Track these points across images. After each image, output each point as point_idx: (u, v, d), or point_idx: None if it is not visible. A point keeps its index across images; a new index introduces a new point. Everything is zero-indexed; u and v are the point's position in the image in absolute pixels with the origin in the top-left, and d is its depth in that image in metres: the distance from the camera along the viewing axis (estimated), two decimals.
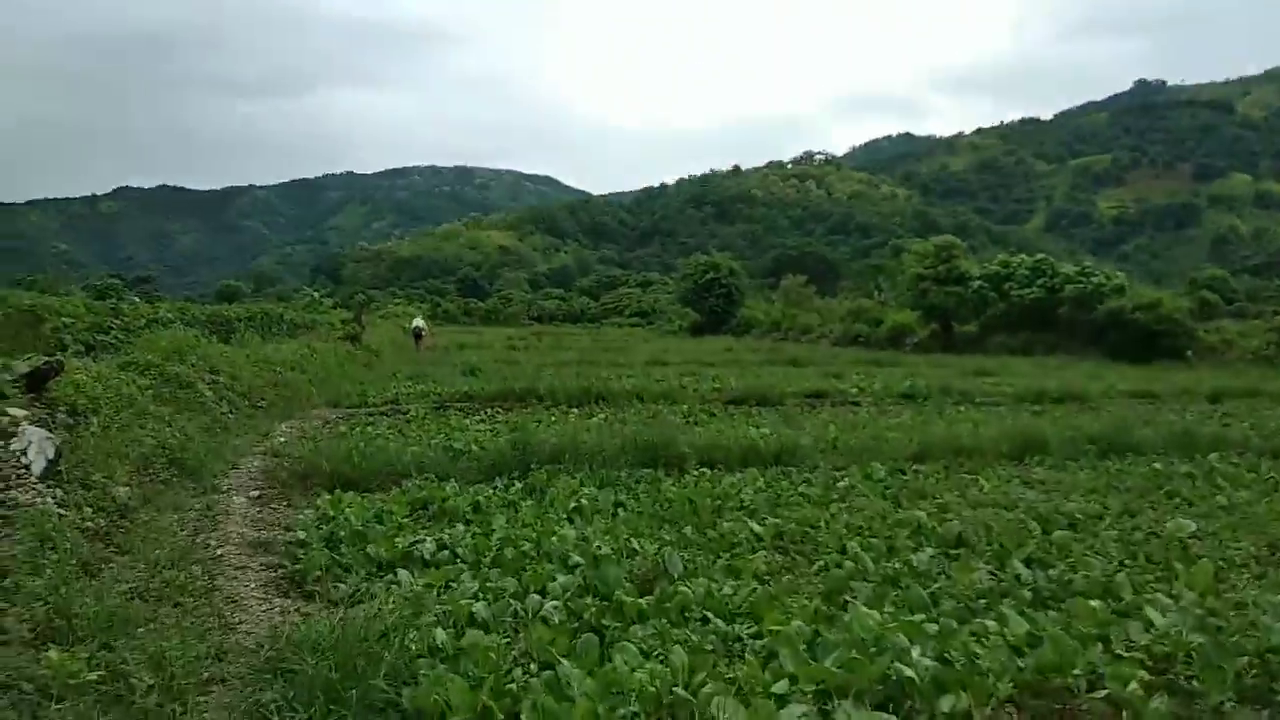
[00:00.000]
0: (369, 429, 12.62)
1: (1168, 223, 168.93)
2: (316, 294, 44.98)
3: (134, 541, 6.26)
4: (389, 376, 21.59)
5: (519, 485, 8.76)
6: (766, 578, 5.86)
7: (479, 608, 4.86)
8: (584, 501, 7.82)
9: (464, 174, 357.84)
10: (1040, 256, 41.58)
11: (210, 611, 5.12)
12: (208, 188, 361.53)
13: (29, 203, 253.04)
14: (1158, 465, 10.15)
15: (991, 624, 4.70)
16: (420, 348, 35.49)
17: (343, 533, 6.71)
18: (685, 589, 5.18)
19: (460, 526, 7.07)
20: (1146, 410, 16.93)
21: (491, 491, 8.47)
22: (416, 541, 6.36)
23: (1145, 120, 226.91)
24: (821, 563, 6.15)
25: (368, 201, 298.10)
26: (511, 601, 5.02)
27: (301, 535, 6.76)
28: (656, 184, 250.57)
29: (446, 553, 6.22)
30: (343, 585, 5.50)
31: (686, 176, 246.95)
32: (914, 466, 10.13)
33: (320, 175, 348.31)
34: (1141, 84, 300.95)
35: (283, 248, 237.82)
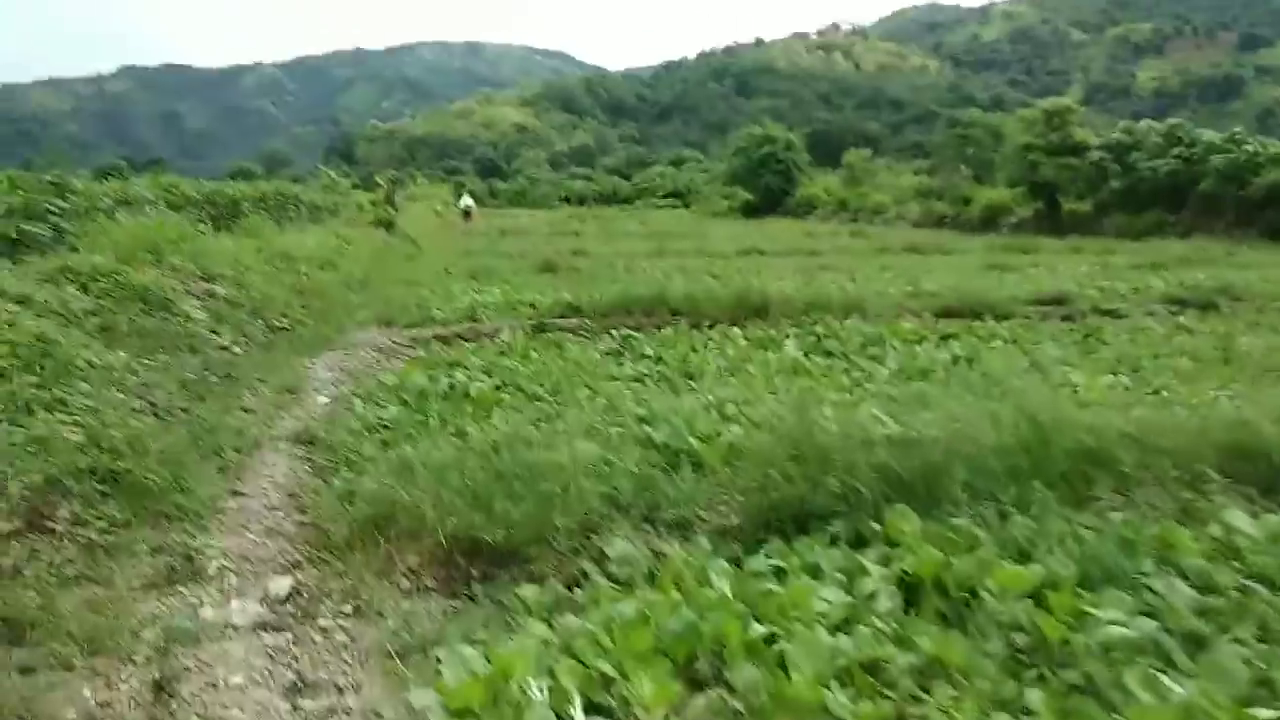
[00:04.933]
0: (458, 375, 7.70)
1: (1210, 95, 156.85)
2: (334, 174, 39.34)
3: None
4: (441, 274, 16.63)
5: (876, 565, 3.70)
6: None
7: None
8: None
9: (473, 49, 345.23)
10: (1174, 122, 35.54)
11: None
12: (214, 66, 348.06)
13: (35, 83, 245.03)
14: None
15: None
16: (468, 227, 34.63)
17: None
18: None
19: None
20: None
21: (818, 584, 3.55)
22: None
23: None
24: None
25: (376, 79, 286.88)
26: None
27: None
28: (676, 57, 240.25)
29: None
30: None
31: (707, 50, 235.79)
32: None
33: (328, 52, 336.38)
34: None
35: (292, 128, 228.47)
